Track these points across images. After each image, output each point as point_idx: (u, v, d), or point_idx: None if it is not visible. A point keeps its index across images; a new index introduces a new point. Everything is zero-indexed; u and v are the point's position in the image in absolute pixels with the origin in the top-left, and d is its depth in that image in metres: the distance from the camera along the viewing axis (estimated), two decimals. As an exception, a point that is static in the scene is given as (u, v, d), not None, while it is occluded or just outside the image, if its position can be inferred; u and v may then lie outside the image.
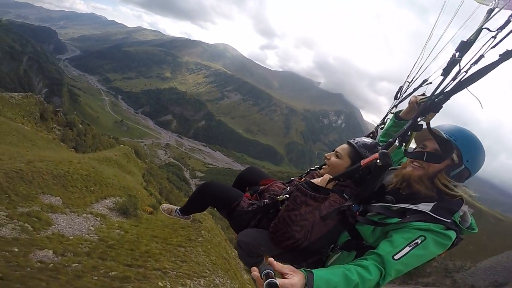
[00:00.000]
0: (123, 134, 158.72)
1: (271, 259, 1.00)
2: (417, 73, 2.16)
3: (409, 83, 2.25)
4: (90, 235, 8.32)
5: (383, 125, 2.30)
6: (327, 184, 1.37)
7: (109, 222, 10.17)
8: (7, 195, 7.69)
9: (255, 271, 0.94)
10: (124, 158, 26.60)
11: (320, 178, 1.40)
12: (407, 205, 1.40)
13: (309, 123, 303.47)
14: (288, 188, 1.92)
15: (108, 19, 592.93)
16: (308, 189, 1.35)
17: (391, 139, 1.44)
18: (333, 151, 1.89)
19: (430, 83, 1.94)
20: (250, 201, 1.97)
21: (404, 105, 2.09)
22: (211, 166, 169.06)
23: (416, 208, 1.36)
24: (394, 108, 2.29)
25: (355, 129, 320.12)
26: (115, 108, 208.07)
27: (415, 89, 2.14)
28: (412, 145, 1.61)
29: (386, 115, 2.37)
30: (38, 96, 32.62)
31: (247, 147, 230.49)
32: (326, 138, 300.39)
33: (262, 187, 2.08)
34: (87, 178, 12.86)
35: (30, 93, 32.57)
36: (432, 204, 1.37)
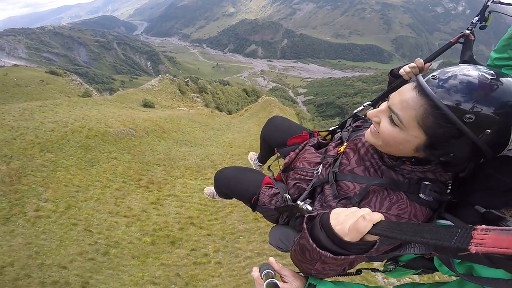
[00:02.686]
0: (223, 75, 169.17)
1: (271, 258, 0.88)
2: None
3: None
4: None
5: (483, 23, 1.19)
6: (364, 236, 0.59)
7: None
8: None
9: (255, 271, 0.85)
10: (281, 111, 22.62)
11: (352, 220, 0.60)
12: None
13: (415, 14, 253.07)
14: (320, 169, 1.09)
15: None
16: (322, 243, 0.66)
17: None
18: (378, 101, 1.15)
19: None
20: (272, 191, 1.37)
21: None
22: (309, 79, 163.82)
23: None
24: None
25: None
26: (206, 56, 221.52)
27: None
28: None
29: (485, 6, 1.19)
30: (166, 75, 33.04)
31: (343, 51, 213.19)
32: (447, 27, 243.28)
33: (286, 160, 1.40)
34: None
35: (160, 75, 33.01)
36: None
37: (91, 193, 7.70)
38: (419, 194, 0.78)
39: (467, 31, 1.15)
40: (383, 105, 0.79)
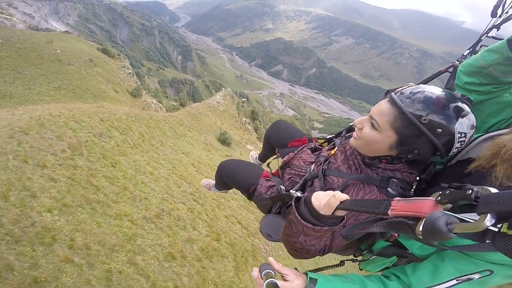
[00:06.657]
0: (244, 87, 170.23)
1: (271, 258, 0.95)
2: None
3: None
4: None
5: (470, 56, 1.37)
6: (335, 211, 0.81)
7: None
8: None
9: (255, 272, 0.91)
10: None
11: (327, 198, 0.82)
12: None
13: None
14: (313, 167, 1.29)
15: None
16: (304, 216, 0.86)
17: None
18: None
19: None
20: (269, 183, 1.56)
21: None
22: (327, 115, 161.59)
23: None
24: (494, 30, 1.34)
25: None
26: (233, 64, 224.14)
27: None
28: None
29: (479, 40, 1.37)
30: (228, 89, 31.20)
31: (367, 93, 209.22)
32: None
33: (285, 158, 1.55)
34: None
35: (223, 89, 31.26)
36: None
37: None
38: (388, 189, 1.00)
39: (457, 62, 1.31)
40: (366, 117, 1.03)
